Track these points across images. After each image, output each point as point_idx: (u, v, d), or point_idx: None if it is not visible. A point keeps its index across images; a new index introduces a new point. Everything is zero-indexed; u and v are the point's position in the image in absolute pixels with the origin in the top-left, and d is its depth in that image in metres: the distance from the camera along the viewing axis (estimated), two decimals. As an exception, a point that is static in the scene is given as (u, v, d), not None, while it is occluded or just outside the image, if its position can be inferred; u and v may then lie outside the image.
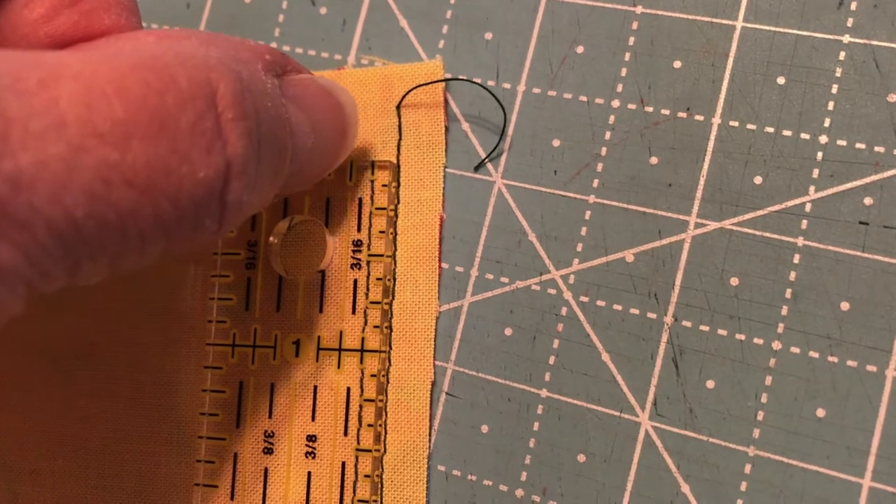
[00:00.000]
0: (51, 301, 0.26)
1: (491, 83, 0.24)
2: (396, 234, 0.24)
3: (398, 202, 0.24)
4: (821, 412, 0.21)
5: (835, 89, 0.22)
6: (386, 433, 0.23)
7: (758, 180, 0.22)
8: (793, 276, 0.21)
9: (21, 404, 0.26)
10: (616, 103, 0.23)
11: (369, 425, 0.23)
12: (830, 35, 0.22)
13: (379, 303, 0.24)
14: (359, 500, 0.23)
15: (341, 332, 0.24)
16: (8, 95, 0.14)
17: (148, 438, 0.25)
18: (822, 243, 0.21)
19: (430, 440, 0.23)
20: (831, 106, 0.22)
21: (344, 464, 0.23)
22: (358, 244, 0.24)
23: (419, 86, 0.24)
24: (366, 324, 0.24)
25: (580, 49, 0.24)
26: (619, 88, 0.23)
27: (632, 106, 0.23)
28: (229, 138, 0.16)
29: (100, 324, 0.26)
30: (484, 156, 0.24)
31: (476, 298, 0.24)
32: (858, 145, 0.22)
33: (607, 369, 0.22)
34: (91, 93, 0.14)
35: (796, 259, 0.21)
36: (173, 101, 0.15)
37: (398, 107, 0.25)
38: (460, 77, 0.24)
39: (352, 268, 0.24)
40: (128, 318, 0.26)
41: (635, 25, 0.24)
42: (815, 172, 0.22)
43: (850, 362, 0.21)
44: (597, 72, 0.24)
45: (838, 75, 0.22)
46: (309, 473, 0.24)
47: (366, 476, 0.23)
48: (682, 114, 0.23)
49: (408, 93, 0.24)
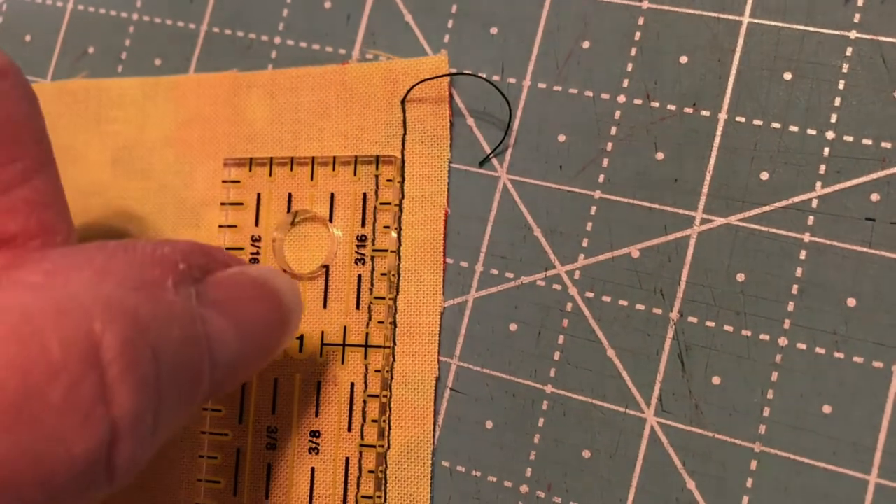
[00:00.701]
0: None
1: (496, 78, 0.24)
2: (401, 230, 0.24)
3: (403, 197, 0.24)
4: (827, 409, 0.21)
5: (842, 85, 0.22)
6: (390, 429, 0.23)
7: (764, 176, 0.22)
8: (799, 272, 0.21)
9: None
10: (622, 98, 0.23)
11: (373, 421, 0.23)
12: (837, 31, 0.22)
13: (383, 298, 0.24)
14: (363, 496, 0.23)
15: (345, 328, 0.24)
16: None
17: (150, 434, 0.25)
18: (829, 239, 0.21)
19: (434, 436, 0.23)
20: (838, 102, 0.22)
21: (348, 459, 0.23)
22: (362, 239, 0.24)
23: (424, 80, 0.24)
24: (370, 319, 0.24)
25: (586, 44, 0.24)
26: (625, 84, 0.23)
27: (638, 101, 0.23)
28: (115, 395, 0.14)
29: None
30: (489, 151, 0.24)
31: (481, 294, 0.23)
32: (865, 141, 0.21)
33: (613, 365, 0.22)
34: None
35: (803, 255, 0.21)
36: (41, 375, 0.13)
37: (403, 101, 0.24)
38: (465, 72, 0.24)
39: (356, 263, 0.24)
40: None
41: (641, 21, 0.23)
42: (822, 168, 0.22)
43: (857, 358, 0.21)
44: (603, 67, 0.24)
45: (845, 71, 0.22)
46: (312, 469, 0.23)
47: (370, 472, 0.23)
48: (689, 109, 0.23)
49: (413, 87, 0.24)
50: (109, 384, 0.14)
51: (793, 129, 0.22)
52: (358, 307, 0.24)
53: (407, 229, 0.24)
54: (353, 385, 0.23)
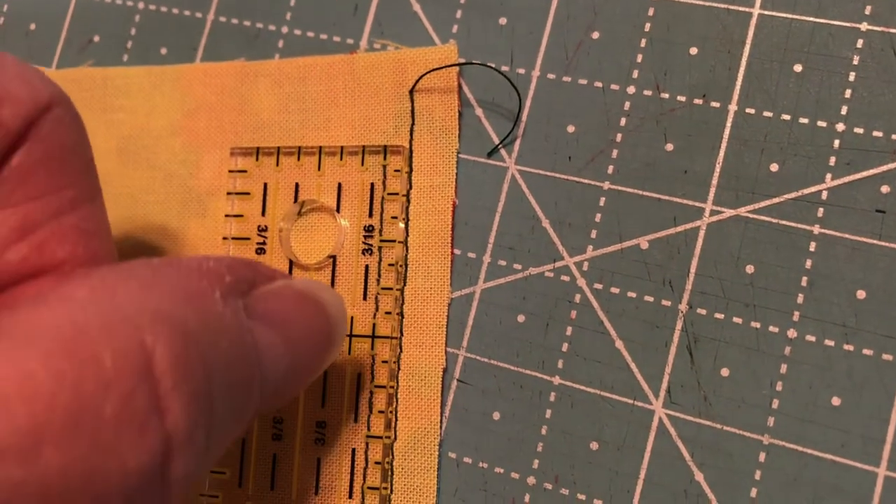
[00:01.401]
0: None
1: (505, 68, 0.24)
2: (409, 220, 0.24)
3: (410, 187, 0.24)
4: (836, 401, 0.21)
5: (852, 77, 0.22)
6: (397, 420, 0.23)
7: (774, 168, 0.22)
8: (809, 263, 0.21)
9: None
10: (632, 89, 0.23)
11: (380, 412, 0.23)
12: (848, 23, 0.22)
13: (391, 289, 0.24)
14: (369, 487, 0.23)
15: (352, 318, 0.24)
16: None
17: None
18: (839, 231, 0.21)
19: (441, 427, 0.23)
20: (848, 94, 0.22)
21: (354, 450, 0.23)
22: (370, 229, 0.24)
23: (432, 70, 0.24)
24: (377, 310, 0.24)
25: (596, 35, 0.24)
26: (635, 74, 0.23)
27: (647, 92, 0.23)
28: (169, 408, 0.14)
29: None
30: (497, 141, 0.24)
31: (489, 285, 0.23)
32: (876, 133, 0.21)
33: (621, 357, 0.22)
34: None
35: (812, 247, 0.21)
36: (94, 388, 0.13)
37: (411, 91, 0.24)
38: (474, 61, 0.24)
39: (363, 253, 0.24)
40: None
41: (651, 12, 0.23)
42: (832, 160, 0.22)
43: (866, 351, 0.21)
44: (612, 58, 0.23)
45: (856, 63, 0.22)
46: (318, 460, 0.23)
47: (376, 463, 0.23)
48: (699, 100, 0.23)
49: (421, 77, 0.24)
50: (162, 396, 0.14)
51: (803, 120, 0.22)
52: (365, 298, 0.24)
53: (415, 220, 0.24)
54: (359, 376, 0.23)
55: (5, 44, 0.29)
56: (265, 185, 0.25)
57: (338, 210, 0.24)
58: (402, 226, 0.24)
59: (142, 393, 0.14)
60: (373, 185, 0.24)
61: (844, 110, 0.22)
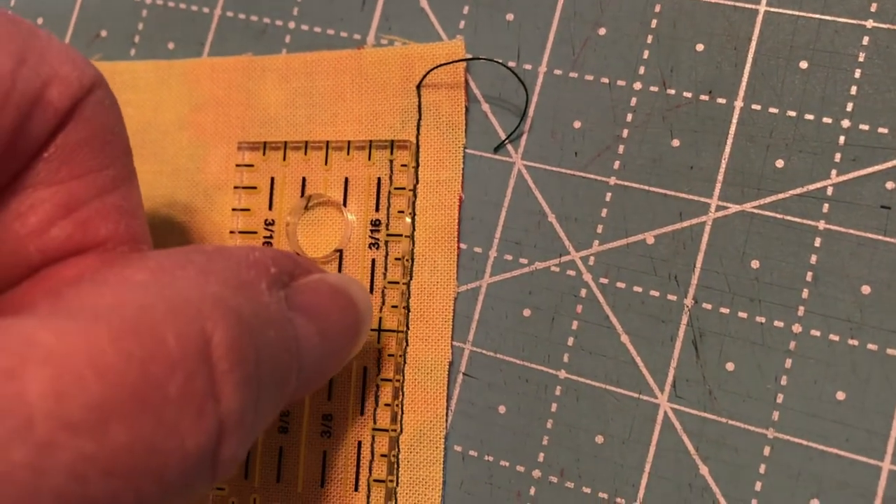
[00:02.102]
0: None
1: (512, 64, 0.24)
2: (415, 214, 0.24)
3: (417, 182, 0.24)
4: (841, 395, 0.21)
5: (858, 74, 0.22)
6: (402, 413, 0.23)
7: (780, 164, 0.22)
8: (814, 259, 0.21)
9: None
10: (638, 85, 0.23)
11: (386, 405, 0.23)
12: (854, 20, 0.22)
13: (397, 283, 0.24)
14: (374, 480, 0.23)
15: (358, 312, 0.24)
16: None
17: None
18: (844, 227, 0.21)
19: (447, 420, 0.23)
20: (854, 90, 0.22)
21: (360, 443, 0.23)
22: (376, 224, 0.24)
23: (440, 65, 0.24)
24: (383, 303, 0.24)
25: (602, 31, 0.24)
26: (642, 71, 0.23)
27: (654, 88, 0.23)
28: (223, 392, 0.15)
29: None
30: (504, 137, 0.24)
31: (495, 279, 0.24)
32: (881, 130, 0.22)
33: (626, 351, 0.22)
34: (64, 378, 0.13)
35: (817, 242, 0.22)
36: (160, 368, 0.14)
37: (418, 87, 0.24)
38: (481, 57, 0.24)
39: (370, 247, 0.24)
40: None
41: (658, 8, 0.24)
42: (837, 156, 0.22)
43: (871, 346, 0.21)
44: (619, 54, 0.24)
45: (861, 60, 0.22)
46: (324, 453, 0.23)
47: (382, 455, 0.23)
48: (705, 97, 0.23)
49: (428, 72, 0.24)
50: (218, 380, 0.15)
51: (808, 117, 0.22)
52: (371, 291, 0.24)
53: (421, 214, 0.24)
54: (365, 369, 0.24)
55: (13, 38, 0.29)
56: (272, 179, 0.25)
57: (344, 204, 0.24)
58: (408, 220, 0.24)
59: (201, 376, 0.14)
60: (379, 179, 0.24)
61: (850, 107, 0.22)
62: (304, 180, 0.25)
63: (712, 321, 0.22)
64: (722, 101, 0.23)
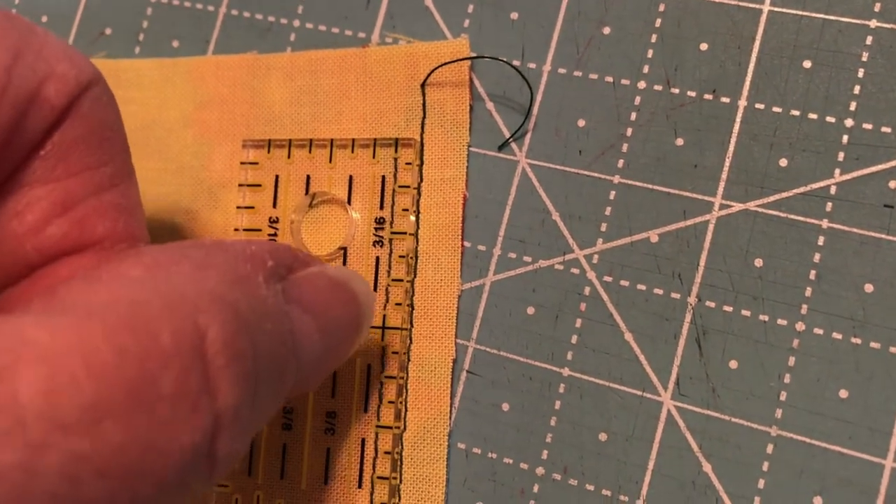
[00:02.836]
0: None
1: (516, 63, 0.24)
2: (419, 212, 0.24)
3: (421, 180, 0.24)
4: (843, 393, 0.21)
5: (861, 73, 0.22)
6: (406, 410, 0.23)
7: (783, 163, 0.22)
8: (817, 257, 0.22)
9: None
10: (642, 84, 0.23)
11: (390, 402, 0.23)
12: (857, 19, 0.22)
13: (401, 280, 0.24)
14: (378, 477, 0.23)
15: (363, 309, 0.24)
16: None
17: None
18: (847, 226, 0.21)
19: (450, 418, 0.23)
20: (857, 90, 0.22)
21: (364, 440, 0.23)
22: (381, 221, 0.24)
23: (444, 64, 0.24)
24: (387, 301, 0.24)
25: (607, 30, 0.24)
26: (646, 70, 0.23)
27: (658, 87, 0.23)
28: (219, 388, 0.14)
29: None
30: (508, 135, 0.24)
31: (498, 277, 0.24)
32: (884, 129, 0.22)
33: (630, 349, 0.22)
34: (57, 377, 0.12)
35: (821, 241, 0.22)
36: (154, 364, 0.13)
37: (423, 85, 0.25)
38: (486, 56, 0.24)
39: (374, 245, 0.24)
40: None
41: (662, 7, 0.24)
42: (841, 155, 0.22)
43: (874, 344, 0.21)
44: (623, 53, 0.24)
45: (865, 59, 0.22)
46: (328, 450, 0.23)
47: (386, 453, 0.23)
48: (709, 96, 0.23)
49: (433, 71, 0.24)
50: (213, 376, 0.14)
51: (812, 116, 0.22)
52: (375, 289, 0.24)
53: (425, 212, 0.24)
54: (369, 366, 0.24)
55: (17, 36, 0.29)
56: (277, 177, 0.25)
57: (349, 202, 0.24)
58: (412, 218, 0.24)
59: (196, 372, 0.14)
60: (384, 177, 0.24)
61: (853, 106, 0.22)
62: (308, 178, 0.25)
63: (716, 319, 0.22)
64: (726, 100, 0.23)
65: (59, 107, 0.17)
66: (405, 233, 0.24)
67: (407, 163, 0.24)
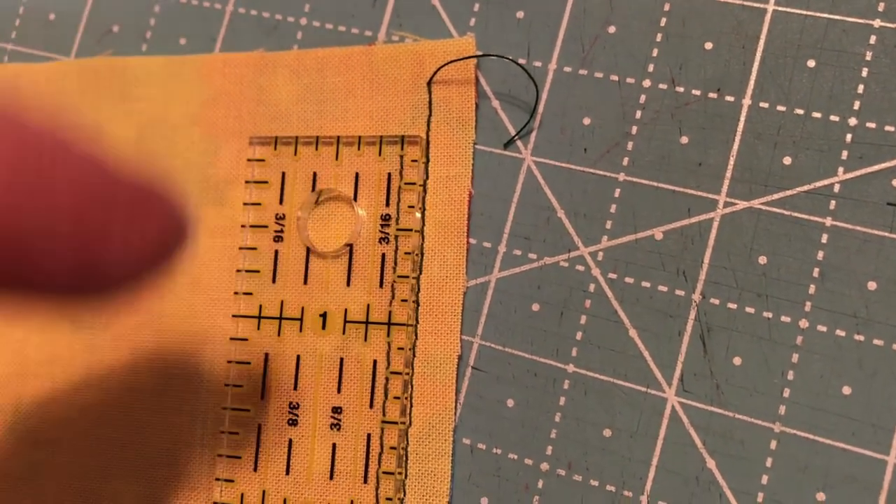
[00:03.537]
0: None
1: (522, 61, 0.25)
2: (425, 210, 0.24)
3: (427, 177, 0.24)
4: (847, 390, 0.21)
5: (865, 72, 0.22)
6: (412, 406, 0.23)
7: (787, 161, 0.22)
8: (821, 255, 0.22)
9: (43, 373, 0.26)
10: (647, 83, 0.24)
11: (395, 398, 0.23)
12: (861, 19, 0.22)
13: (407, 277, 0.24)
14: (384, 472, 0.23)
15: (368, 306, 0.24)
16: None
17: (170, 409, 0.25)
18: (850, 224, 0.22)
19: (455, 413, 0.23)
20: (861, 89, 0.22)
21: (369, 436, 0.23)
22: (386, 218, 0.24)
23: (450, 62, 0.24)
24: (393, 297, 0.24)
25: (612, 29, 0.24)
26: (651, 68, 0.24)
27: (663, 86, 0.23)
28: None
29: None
30: (514, 133, 0.24)
31: (504, 274, 0.24)
32: (888, 128, 0.22)
33: (634, 345, 0.22)
34: None
35: (824, 239, 0.22)
36: None
37: (429, 83, 0.25)
38: (492, 54, 0.25)
39: (380, 242, 0.24)
40: (154, 289, 0.26)
41: (667, 6, 0.24)
42: (844, 154, 0.22)
43: (877, 341, 0.21)
44: (628, 51, 0.24)
45: (869, 59, 0.22)
46: (334, 445, 0.24)
47: (391, 448, 0.23)
48: (713, 94, 0.23)
49: (439, 69, 0.24)
50: None
51: (816, 115, 0.22)
52: (381, 285, 0.24)
53: (431, 209, 0.24)
54: (375, 362, 0.24)
55: (25, 33, 0.29)
56: (283, 174, 0.25)
57: (355, 199, 0.25)
58: (418, 215, 0.24)
59: None
60: (390, 174, 0.24)
61: (857, 105, 0.22)
62: (314, 175, 0.25)
63: (720, 316, 0.22)
64: (730, 98, 0.23)
65: None
66: (411, 230, 0.24)
67: (413, 160, 0.24)
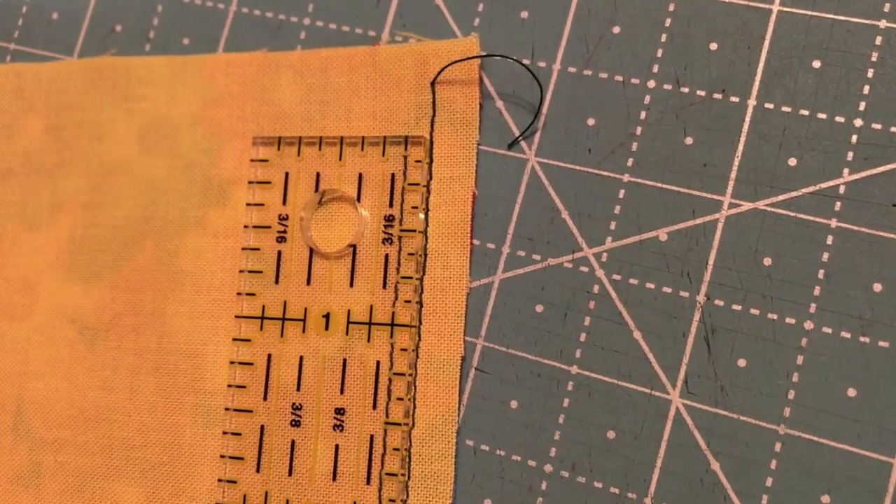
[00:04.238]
0: (82, 272, 0.26)
1: (526, 61, 0.24)
2: (429, 210, 0.24)
3: (431, 178, 0.24)
4: (852, 392, 0.21)
5: (870, 73, 0.22)
6: (415, 407, 0.23)
7: (792, 162, 0.22)
8: (826, 257, 0.22)
9: (45, 373, 0.26)
10: (652, 83, 0.23)
11: (399, 399, 0.23)
12: (867, 20, 0.22)
13: (410, 278, 0.24)
14: (387, 473, 0.23)
15: (372, 307, 0.24)
16: None
17: (173, 410, 0.25)
18: (856, 225, 0.22)
19: (459, 415, 0.23)
20: (867, 90, 0.22)
21: (372, 437, 0.23)
22: (390, 219, 0.24)
23: (454, 62, 0.24)
24: (396, 298, 0.24)
25: (616, 29, 0.24)
26: (655, 69, 0.24)
27: (667, 86, 0.23)
28: None
29: (127, 295, 0.26)
30: (518, 133, 0.24)
31: (507, 275, 0.24)
32: (893, 129, 0.22)
33: (638, 347, 0.22)
34: None
35: (829, 240, 0.22)
36: None
37: (433, 83, 0.25)
38: (496, 54, 0.25)
39: (383, 243, 0.24)
40: (156, 290, 0.26)
41: (672, 7, 0.24)
42: (850, 155, 0.22)
43: (882, 343, 0.21)
44: (633, 52, 0.24)
45: (874, 60, 0.22)
46: (337, 446, 0.24)
47: (394, 449, 0.23)
48: (718, 95, 0.23)
49: (443, 69, 0.24)
50: None
51: (821, 116, 0.22)
52: (385, 286, 0.24)
53: (434, 210, 0.24)
54: (378, 363, 0.24)
55: (27, 33, 0.29)
56: (286, 174, 0.25)
57: (358, 200, 0.25)
58: (422, 216, 0.24)
59: None
60: (393, 175, 0.24)
61: (862, 106, 0.22)
62: (318, 175, 0.25)
63: (724, 318, 0.22)
64: (735, 99, 0.23)
65: None
66: (414, 230, 0.24)
67: (416, 161, 0.24)
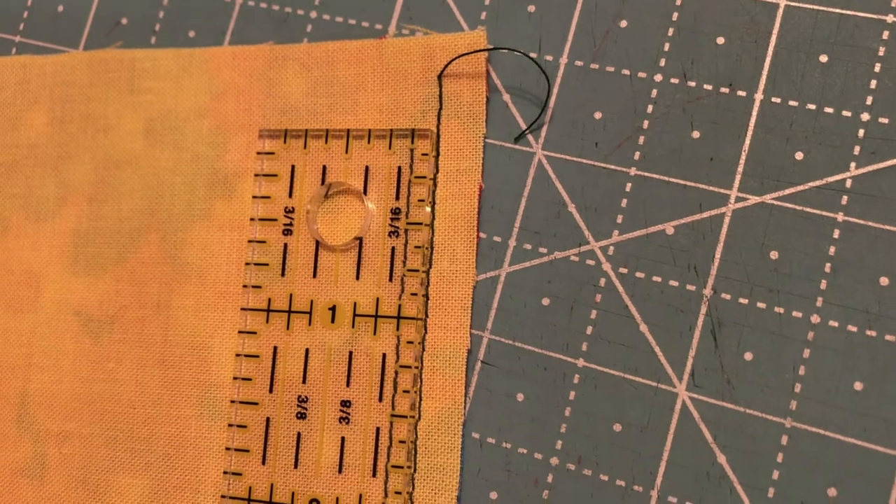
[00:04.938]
0: (87, 265, 0.26)
1: (533, 55, 0.24)
2: (435, 203, 0.24)
3: (437, 171, 0.24)
4: (858, 385, 0.21)
5: (878, 68, 0.22)
6: (421, 400, 0.23)
7: (799, 156, 0.22)
8: (832, 250, 0.22)
9: (50, 365, 0.26)
10: (659, 77, 0.23)
11: (405, 391, 0.23)
12: (874, 14, 0.22)
13: (417, 271, 0.24)
14: (392, 466, 0.23)
15: (378, 299, 0.24)
16: None
17: (178, 402, 0.25)
18: (863, 219, 0.22)
19: (465, 407, 0.23)
20: (874, 84, 0.22)
21: (378, 429, 0.23)
22: (396, 212, 0.24)
23: (461, 55, 0.24)
24: (403, 291, 0.24)
25: (623, 23, 0.24)
26: (662, 63, 0.24)
27: (674, 80, 0.23)
28: None
29: (133, 288, 0.26)
30: (524, 127, 0.24)
31: (514, 268, 0.24)
32: (900, 123, 0.22)
33: (645, 340, 0.22)
34: None
35: (836, 234, 0.22)
36: None
37: (440, 76, 0.25)
38: (503, 47, 0.25)
39: (390, 235, 0.24)
40: (162, 283, 0.26)
41: (679, 1, 0.24)
42: (857, 149, 0.22)
43: (889, 336, 0.21)
44: (640, 46, 0.24)
45: (881, 54, 0.22)
46: (343, 438, 0.24)
47: (400, 442, 0.23)
48: (725, 89, 0.23)
49: (450, 62, 0.24)
50: None
51: (828, 110, 0.22)
52: (391, 279, 0.24)
53: (441, 203, 0.24)
54: (384, 356, 0.24)
55: (33, 25, 0.29)
56: (293, 167, 0.25)
57: (365, 193, 0.25)
58: (428, 209, 0.24)
59: None
60: (400, 168, 0.24)
61: (869, 100, 0.22)
62: (324, 168, 0.25)
63: (731, 311, 0.22)
64: (742, 93, 0.23)
65: None
66: (421, 223, 0.24)
67: (423, 154, 0.24)
